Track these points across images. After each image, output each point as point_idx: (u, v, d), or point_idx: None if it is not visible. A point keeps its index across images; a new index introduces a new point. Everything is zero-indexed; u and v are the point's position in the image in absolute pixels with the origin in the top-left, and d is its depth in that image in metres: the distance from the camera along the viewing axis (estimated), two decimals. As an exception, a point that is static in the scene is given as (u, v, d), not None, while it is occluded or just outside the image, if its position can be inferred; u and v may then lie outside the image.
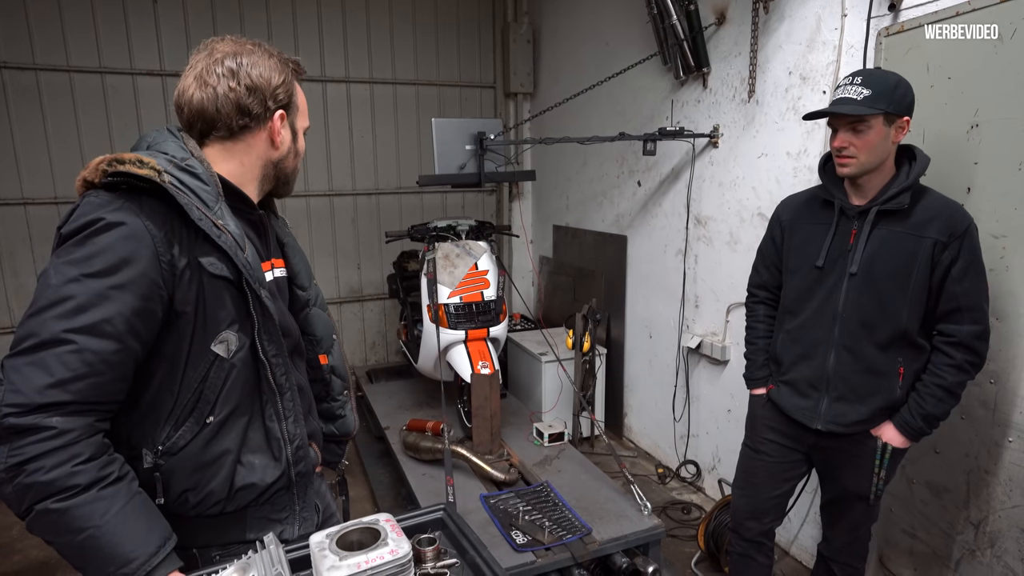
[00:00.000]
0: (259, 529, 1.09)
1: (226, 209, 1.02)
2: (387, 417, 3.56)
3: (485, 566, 1.03)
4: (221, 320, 1.00)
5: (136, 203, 0.93)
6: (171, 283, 0.94)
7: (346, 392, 1.39)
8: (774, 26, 2.56)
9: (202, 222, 0.95)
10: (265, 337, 1.03)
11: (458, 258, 3.15)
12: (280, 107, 1.10)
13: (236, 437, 1.04)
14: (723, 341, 3.02)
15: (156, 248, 0.92)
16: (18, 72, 3.76)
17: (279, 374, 1.06)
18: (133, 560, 0.87)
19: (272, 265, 1.18)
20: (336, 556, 0.90)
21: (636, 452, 3.81)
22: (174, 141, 1.03)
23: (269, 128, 1.09)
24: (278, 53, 1.12)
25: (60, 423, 0.86)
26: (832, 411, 1.75)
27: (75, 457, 0.86)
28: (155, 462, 1.00)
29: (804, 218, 1.81)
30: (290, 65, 1.13)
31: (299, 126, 1.16)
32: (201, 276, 0.96)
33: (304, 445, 1.13)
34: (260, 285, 1.03)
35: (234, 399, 1.03)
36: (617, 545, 2.27)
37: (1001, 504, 1.88)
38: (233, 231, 1.00)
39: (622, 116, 3.72)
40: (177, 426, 1.00)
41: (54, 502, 0.85)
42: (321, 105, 4.54)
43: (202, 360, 0.99)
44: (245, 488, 1.06)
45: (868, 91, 1.55)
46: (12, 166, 3.82)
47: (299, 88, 1.16)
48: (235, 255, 0.98)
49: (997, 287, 1.82)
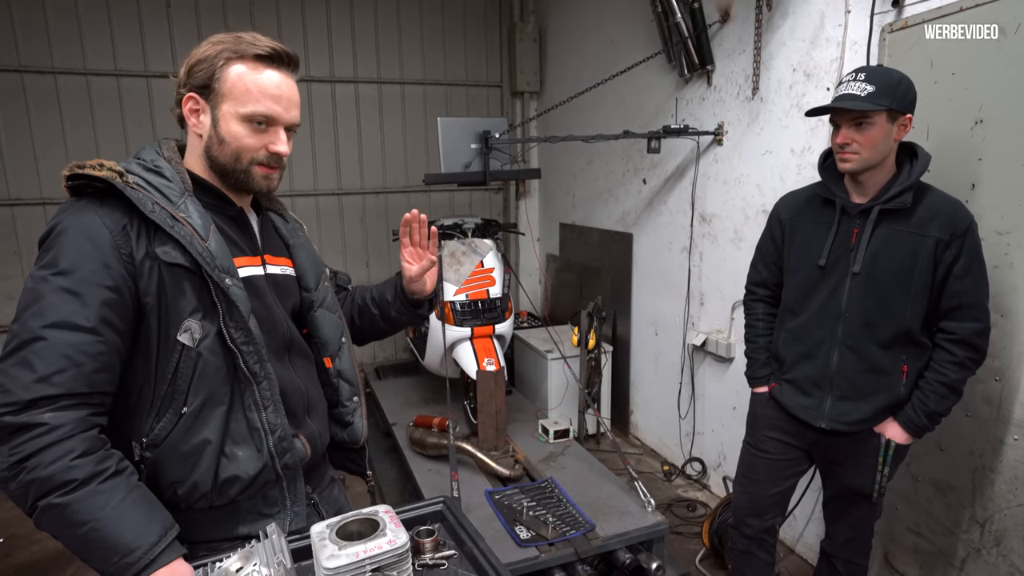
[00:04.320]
0: (252, 524, 1.11)
1: (192, 203, 1.06)
2: (394, 413, 3.59)
3: (483, 557, 1.05)
4: (183, 309, 1.03)
5: (96, 203, 1.00)
6: (133, 273, 0.99)
7: (356, 399, 1.36)
8: (778, 23, 2.55)
9: (154, 214, 0.99)
10: (232, 325, 1.05)
11: (464, 256, 3.17)
12: (193, 88, 1.07)
13: (216, 427, 1.06)
14: (728, 338, 3.02)
15: (114, 240, 0.98)
16: (38, 76, 3.84)
17: (252, 362, 1.07)
18: (135, 550, 0.90)
19: (264, 261, 1.19)
20: (335, 546, 0.93)
21: (642, 449, 3.82)
22: (151, 148, 1.11)
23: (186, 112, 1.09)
24: (232, 38, 1.06)
25: (51, 418, 0.90)
26: (836, 410, 1.75)
27: (70, 452, 0.90)
28: (142, 454, 1.04)
29: (805, 216, 1.81)
30: (222, 46, 1.05)
31: (226, 111, 1.06)
32: (161, 266, 1.01)
33: (287, 437, 1.13)
34: (225, 274, 1.04)
35: (206, 388, 1.05)
36: (620, 541, 2.28)
37: (1006, 502, 1.88)
38: (195, 223, 1.03)
39: (627, 114, 3.72)
40: (159, 417, 1.04)
41: (56, 497, 0.88)
42: (330, 105, 4.59)
43: (172, 350, 1.03)
44: (229, 480, 1.07)
45: (872, 87, 1.55)
46: (32, 166, 3.91)
47: (244, 73, 1.06)
48: (189, 244, 1.01)
49: (1001, 283, 1.81)
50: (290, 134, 1.13)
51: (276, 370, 1.15)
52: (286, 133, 1.12)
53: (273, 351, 1.16)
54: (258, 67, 1.07)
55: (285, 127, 1.11)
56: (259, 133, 1.08)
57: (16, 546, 2.87)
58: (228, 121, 1.07)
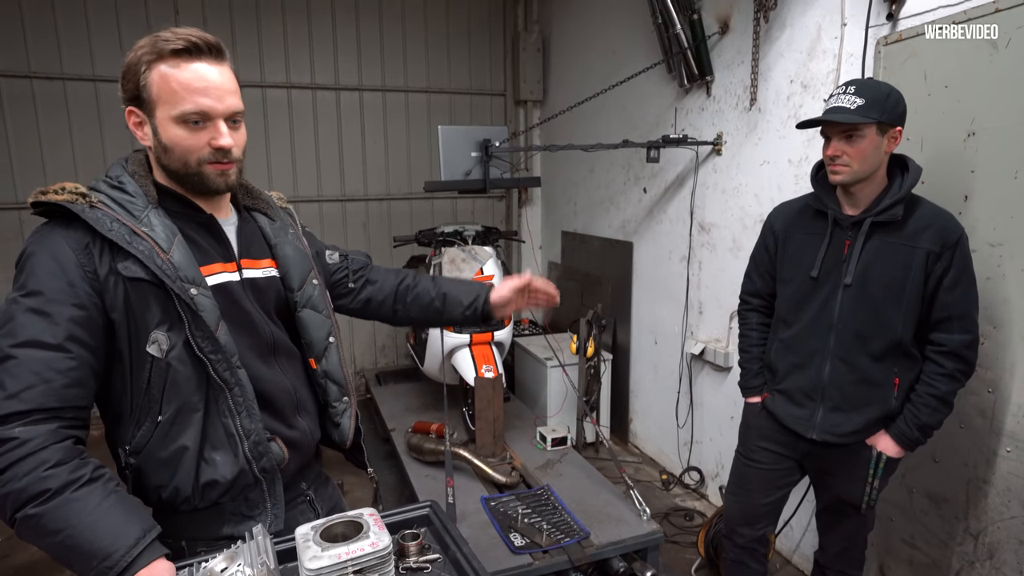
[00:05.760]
0: (235, 525, 1.13)
1: (156, 215, 1.06)
2: (393, 419, 3.60)
3: (466, 562, 1.06)
4: (150, 321, 1.04)
5: (62, 225, 1.03)
6: (99, 289, 1.01)
7: (346, 399, 1.33)
8: (775, 35, 2.58)
9: (111, 233, 1.01)
10: (198, 335, 1.05)
11: (464, 263, 3.19)
12: (129, 102, 1.05)
13: (193, 434, 1.08)
14: (726, 348, 3.02)
15: (78, 259, 1.00)
16: (47, 82, 3.91)
17: (222, 370, 1.08)
18: (113, 553, 0.91)
19: (239, 266, 1.18)
20: (319, 547, 0.94)
21: (641, 458, 3.81)
22: (118, 163, 1.12)
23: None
24: (150, 39, 1.02)
25: (22, 432, 0.92)
26: (827, 421, 1.76)
27: (43, 463, 0.91)
28: (126, 461, 1.07)
29: (798, 227, 1.82)
30: (142, 51, 1.01)
31: (161, 118, 1.03)
32: (124, 281, 1.02)
33: (262, 441, 1.13)
34: (191, 284, 1.05)
35: (179, 397, 1.07)
36: (615, 549, 2.28)
37: (999, 515, 1.87)
38: (157, 236, 1.04)
39: (628, 123, 3.74)
40: (139, 426, 1.07)
41: (32, 507, 0.90)
42: (335, 112, 4.64)
43: (143, 361, 1.05)
44: (209, 484, 1.09)
45: (861, 100, 1.56)
46: (39, 169, 3.97)
47: (166, 73, 1.01)
48: (148, 259, 1.02)
49: (994, 295, 1.82)
50: (235, 124, 1.09)
51: (260, 372, 1.16)
52: (228, 124, 1.07)
53: (257, 354, 1.17)
54: (179, 63, 1.01)
55: (224, 118, 1.06)
56: (198, 131, 1.04)
57: (15, 547, 2.89)
58: (165, 127, 1.04)
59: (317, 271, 1.32)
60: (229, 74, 1.07)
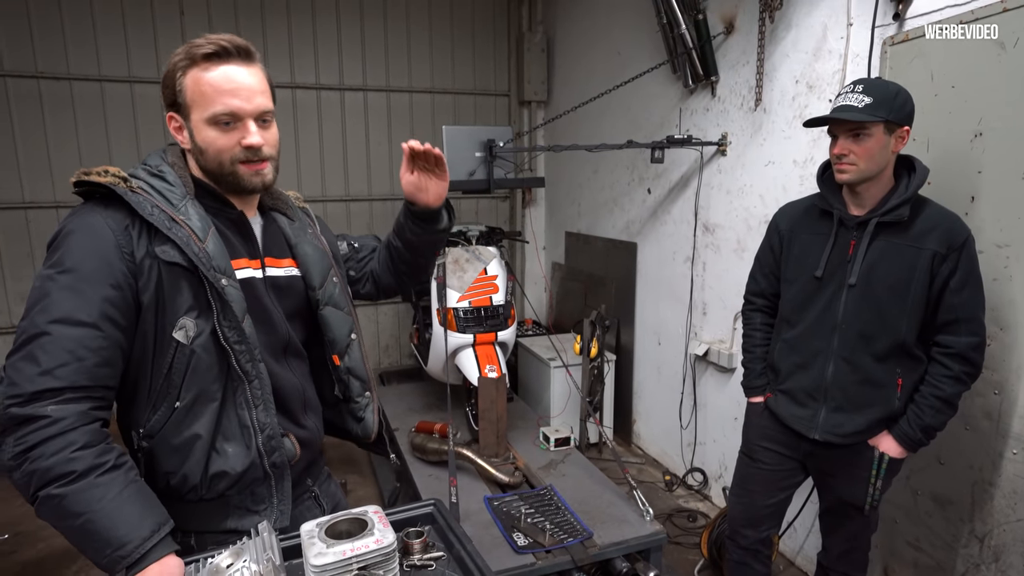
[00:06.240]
0: (239, 519, 1.14)
1: (193, 206, 1.10)
2: (397, 419, 3.61)
3: (470, 560, 1.06)
4: (179, 306, 1.06)
5: (101, 206, 1.05)
6: (134, 271, 1.03)
7: (368, 394, 1.38)
8: (781, 35, 2.57)
9: (152, 217, 1.03)
10: (226, 324, 1.08)
11: (467, 263, 3.19)
12: (169, 107, 1.11)
13: (207, 423, 1.09)
14: (730, 349, 3.02)
15: (117, 240, 1.02)
16: (53, 82, 3.92)
17: (244, 361, 1.10)
18: (128, 543, 0.92)
19: (263, 264, 1.21)
20: (324, 544, 0.95)
21: (644, 459, 3.81)
22: (157, 154, 1.15)
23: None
24: (185, 47, 1.07)
25: (55, 411, 0.93)
26: (830, 421, 1.75)
27: (71, 444, 0.93)
28: (139, 444, 1.08)
29: (803, 227, 1.82)
30: (177, 57, 1.07)
31: (196, 121, 1.08)
32: (160, 265, 1.04)
33: (276, 436, 1.15)
34: (222, 275, 1.07)
35: (198, 385, 1.08)
36: (618, 550, 2.28)
37: (1005, 517, 1.86)
38: (194, 224, 1.07)
39: (633, 123, 3.74)
40: (155, 410, 1.08)
41: (55, 488, 0.92)
42: (339, 112, 4.64)
43: (167, 346, 1.06)
44: (218, 475, 1.10)
45: (869, 99, 1.56)
46: (46, 168, 3.99)
47: (198, 78, 1.06)
48: (186, 245, 1.04)
49: (1000, 296, 1.81)
50: (265, 124, 1.11)
51: (274, 370, 1.18)
52: (258, 123, 1.10)
53: (271, 351, 1.19)
54: (209, 67, 1.06)
55: (254, 118, 1.09)
56: (229, 132, 1.08)
57: (22, 543, 2.91)
58: (200, 130, 1.08)
59: (337, 269, 1.36)
60: (259, 75, 1.11)
